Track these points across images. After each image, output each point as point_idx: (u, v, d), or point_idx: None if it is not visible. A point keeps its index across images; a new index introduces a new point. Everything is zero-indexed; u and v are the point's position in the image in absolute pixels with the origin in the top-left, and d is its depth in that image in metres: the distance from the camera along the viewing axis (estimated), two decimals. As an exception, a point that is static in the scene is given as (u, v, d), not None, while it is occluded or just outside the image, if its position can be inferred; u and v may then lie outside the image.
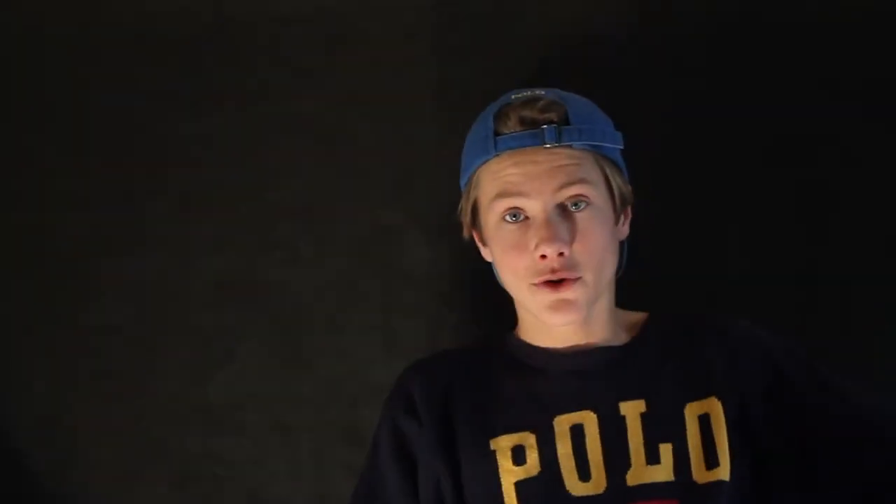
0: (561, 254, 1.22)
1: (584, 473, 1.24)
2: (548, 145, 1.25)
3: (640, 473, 1.23)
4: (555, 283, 1.24)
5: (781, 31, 1.57)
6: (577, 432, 1.26)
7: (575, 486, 1.23)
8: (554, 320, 1.26)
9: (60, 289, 1.62)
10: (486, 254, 1.36)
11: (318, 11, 1.62)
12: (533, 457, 1.26)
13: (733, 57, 1.57)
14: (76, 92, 1.65)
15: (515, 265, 1.26)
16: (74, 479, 1.60)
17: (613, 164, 1.29)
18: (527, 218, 1.25)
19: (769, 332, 1.34)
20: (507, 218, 1.26)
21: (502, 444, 1.27)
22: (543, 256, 1.23)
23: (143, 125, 1.63)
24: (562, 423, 1.26)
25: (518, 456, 1.26)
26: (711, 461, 1.24)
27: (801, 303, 1.54)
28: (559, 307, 1.24)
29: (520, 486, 1.25)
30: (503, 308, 1.50)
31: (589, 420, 1.26)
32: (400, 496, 1.32)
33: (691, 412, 1.26)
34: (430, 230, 1.59)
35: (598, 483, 1.23)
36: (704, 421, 1.26)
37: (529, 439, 1.27)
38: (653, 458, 1.24)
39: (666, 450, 1.24)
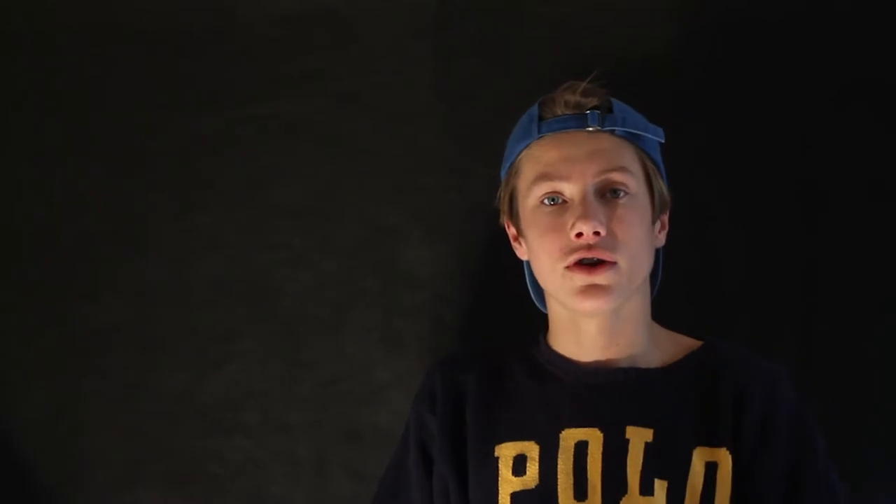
0: (597, 233, 1.20)
1: (580, 492, 1.21)
2: (590, 128, 1.24)
3: (636, 503, 1.20)
4: (589, 267, 1.21)
5: (782, 31, 1.57)
6: (581, 449, 1.23)
7: None
8: (584, 306, 1.22)
9: (60, 289, 1.62)
10: (520, 251, 1.34)
11: (318, 11, 1.62)
12: (533, 469, 1.24)
13: (733, 58, 1.57)
14: (76, 92, 1.65)
15: (551, 247, 1.23)
16: (74, 479, 1.60)
17: (655, 164, 1.28)
18: (564, 202, 1.24)
19: (801, 400, 1.28)
20: (545, 202, 1.24)
21: (506, 453, 1.26)
22: (579, 235, 1.20)
23: (144, 125, 1.63)
24: (567, 438, 1.24)
25: (519, 466, 1.25)
26: None
27: (802, 303, 1.53)
28: (590, 292, 1.21)
29: (516, 497, 1.24)
30: (503, 308, 1.50)
31: (594, 438, 1.23)
32: (420, 494, 1.32)
33: (700, 456, 1.22)
34: (430, 230, 1.58)
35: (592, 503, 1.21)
36: (711, 469, 1.22)
37: (532, 451, 1.25)
38: (647, 489, 1.20)
39: (661, 486, 1.20)
